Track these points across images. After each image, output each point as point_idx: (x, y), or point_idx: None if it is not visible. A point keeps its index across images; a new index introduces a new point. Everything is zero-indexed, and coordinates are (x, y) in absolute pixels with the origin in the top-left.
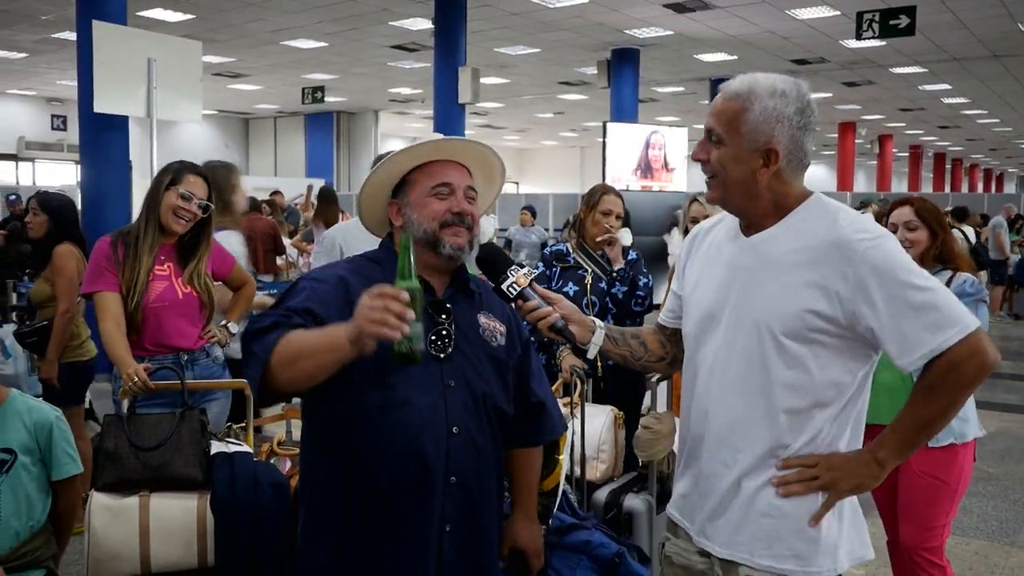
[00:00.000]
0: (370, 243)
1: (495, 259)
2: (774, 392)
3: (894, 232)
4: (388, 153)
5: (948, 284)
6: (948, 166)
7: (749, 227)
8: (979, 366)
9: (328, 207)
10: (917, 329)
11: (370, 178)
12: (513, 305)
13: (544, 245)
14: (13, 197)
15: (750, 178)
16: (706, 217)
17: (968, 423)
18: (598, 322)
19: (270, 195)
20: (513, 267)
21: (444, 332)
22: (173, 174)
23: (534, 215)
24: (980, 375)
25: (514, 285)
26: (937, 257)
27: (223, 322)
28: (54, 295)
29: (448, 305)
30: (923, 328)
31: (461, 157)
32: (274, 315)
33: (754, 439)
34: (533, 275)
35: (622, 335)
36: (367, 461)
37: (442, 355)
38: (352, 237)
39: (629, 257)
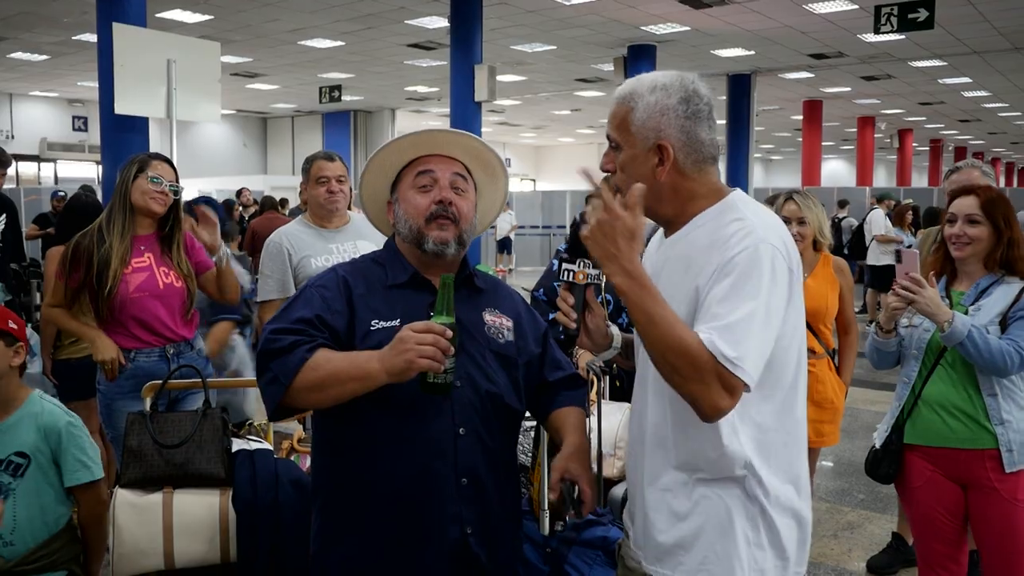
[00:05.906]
0: (315, 243)
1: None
2: (673, 398)
3: (952, 224)
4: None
5: (1017, 298)
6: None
7: (667, 230)
8: (701, 395)
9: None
10: (716, 325)
11: (363, 178)
12: (560, 285)
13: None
14: (62, 194)
15: (650, 178)
16: (800, 219)
17: None
18: (616, 337)
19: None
20: (586, 261)
21: None
22: (139, 163)
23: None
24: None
25: (571, 274)
26: (1003, 262)
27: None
28: None
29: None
30: (718, 329)
31: (448, 150)
32: (291, 332)
33: (657, 446)
34: (593, 283)
35: (636, 347)
36: (376, 465)
37: None
38: (297, 239)
39: None
